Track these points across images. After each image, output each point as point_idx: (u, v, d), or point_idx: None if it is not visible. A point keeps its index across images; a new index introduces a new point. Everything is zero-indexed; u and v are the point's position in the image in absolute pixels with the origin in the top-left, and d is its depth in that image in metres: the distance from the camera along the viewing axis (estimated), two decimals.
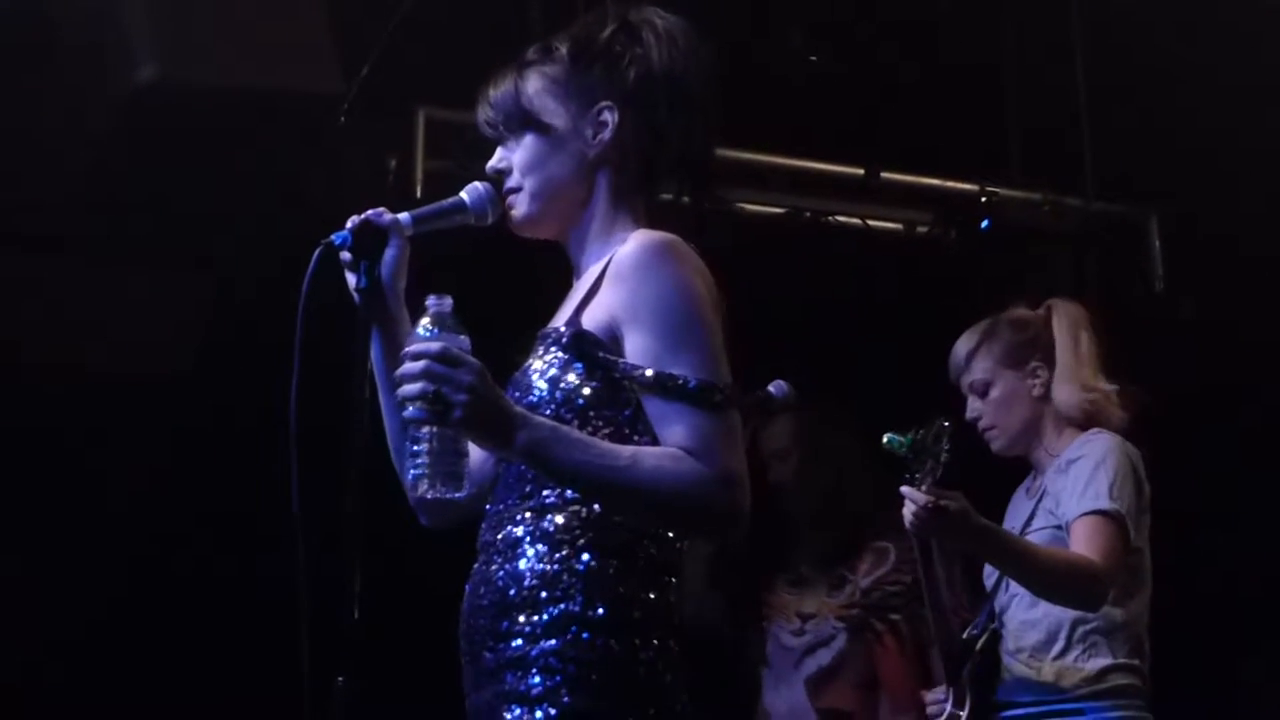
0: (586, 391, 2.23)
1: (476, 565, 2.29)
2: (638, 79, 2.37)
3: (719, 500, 2.14)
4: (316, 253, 2.28)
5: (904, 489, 3.29)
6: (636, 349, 2.20)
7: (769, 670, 4.28)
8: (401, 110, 4.88)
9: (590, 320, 2.26)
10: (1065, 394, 3.56)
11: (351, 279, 2.35)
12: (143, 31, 4.11)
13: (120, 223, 4.53)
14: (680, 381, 2.16)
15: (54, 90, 4.29)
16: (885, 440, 3.46)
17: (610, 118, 2.37)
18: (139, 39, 4.12)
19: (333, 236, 2.31)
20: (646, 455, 2.15)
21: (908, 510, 3.27)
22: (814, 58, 5.34)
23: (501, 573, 2.22)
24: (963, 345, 3.69)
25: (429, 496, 2.18)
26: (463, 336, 2.15)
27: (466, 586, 2.30)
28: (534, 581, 2.18)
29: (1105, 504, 3.35)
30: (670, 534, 2.24)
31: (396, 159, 4.87)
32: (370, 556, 2.13)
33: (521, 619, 2.18)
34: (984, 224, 5.50)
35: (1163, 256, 5.74)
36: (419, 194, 4.72)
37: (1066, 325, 3.63)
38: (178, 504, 4.76)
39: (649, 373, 2.18)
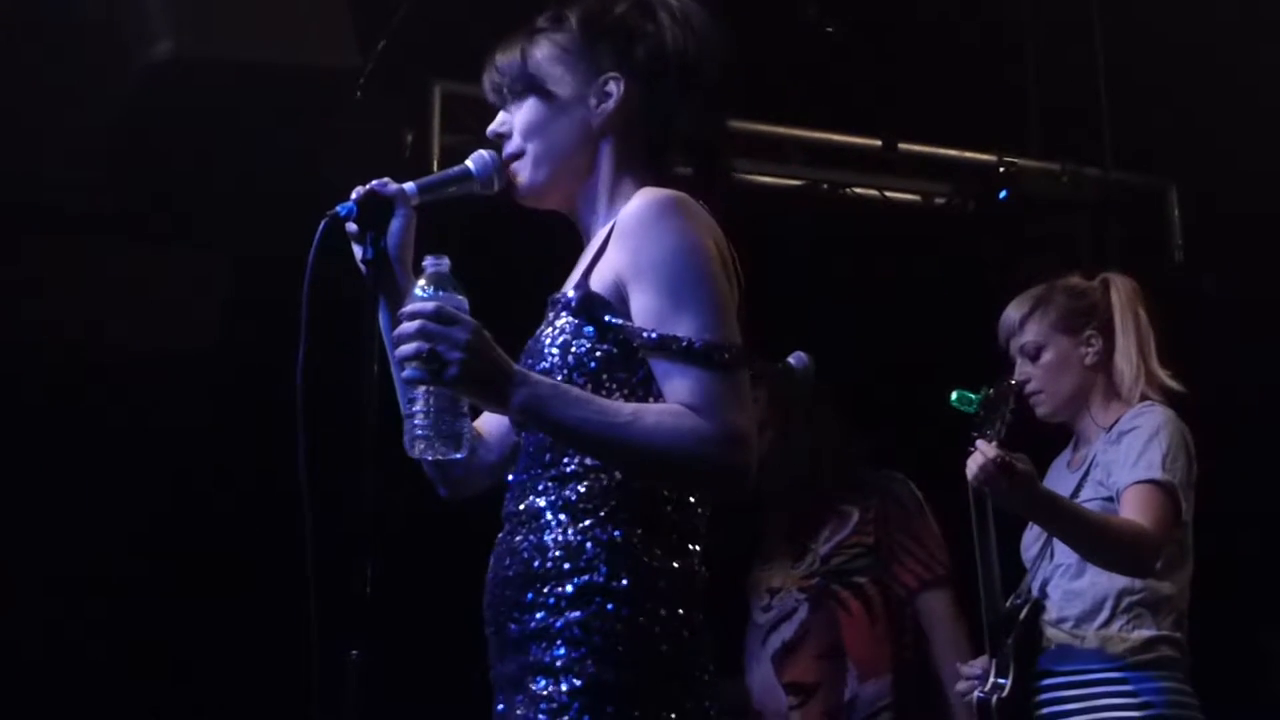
0: (599, 354, 2.22)
1: (501, 536, 2.29)
2: (648, 55, 2.37)
3: (719, 457, 2.12)
4: (322, 224, 2.27)
5: (978, 441, 3.28)
6: (641, 307, 2.19)
7: (747, 650, 4.24)
8: (418, 84, 4.87)
9: (598, 281, 2.25)
10: (1127, 369, 3.57)
11: (358, 250, 2.34)
12: (159, 7, 4.12)
13: (137, 200, 4.54)
14: (683, 343, 2.15)
15: (71, 68, 4.29)
16: (954, 397, 3.45)
17: (615, 89, 2.37)
18: (155, 15, 4.12)
19: (338, 207, 2.31)
20: (648, 412, 2.14)
21: (974, 462, 3.26)
22: (830, 29, 5.32)
23: (526, 544, 2.22)
24: (1016, 309, 3.68)
25: (428, 458, 2.20)
26: (460, 297, 2.14)
27: (491, 558, 2.30)
28: (558, 552, 2.18)
29: (1158, 474, 3.37)
30: (687, 497, 2.23)
31: (413, 133, 4.87)
32: (385, 529, 2.13)
33: (546, 590, 2.17)
34: (1002, 194, 5.48)
35: (1182, 227, 5.72)
36: (435, 168, 4.71)
37: (1125, 300, 3.63)
38: (195, 479, 4.77)
39: (652, 334, 2.17)
